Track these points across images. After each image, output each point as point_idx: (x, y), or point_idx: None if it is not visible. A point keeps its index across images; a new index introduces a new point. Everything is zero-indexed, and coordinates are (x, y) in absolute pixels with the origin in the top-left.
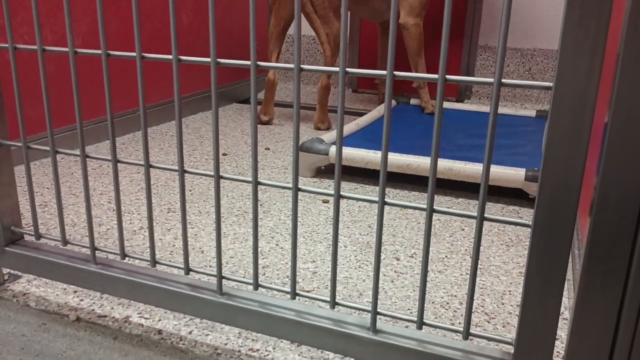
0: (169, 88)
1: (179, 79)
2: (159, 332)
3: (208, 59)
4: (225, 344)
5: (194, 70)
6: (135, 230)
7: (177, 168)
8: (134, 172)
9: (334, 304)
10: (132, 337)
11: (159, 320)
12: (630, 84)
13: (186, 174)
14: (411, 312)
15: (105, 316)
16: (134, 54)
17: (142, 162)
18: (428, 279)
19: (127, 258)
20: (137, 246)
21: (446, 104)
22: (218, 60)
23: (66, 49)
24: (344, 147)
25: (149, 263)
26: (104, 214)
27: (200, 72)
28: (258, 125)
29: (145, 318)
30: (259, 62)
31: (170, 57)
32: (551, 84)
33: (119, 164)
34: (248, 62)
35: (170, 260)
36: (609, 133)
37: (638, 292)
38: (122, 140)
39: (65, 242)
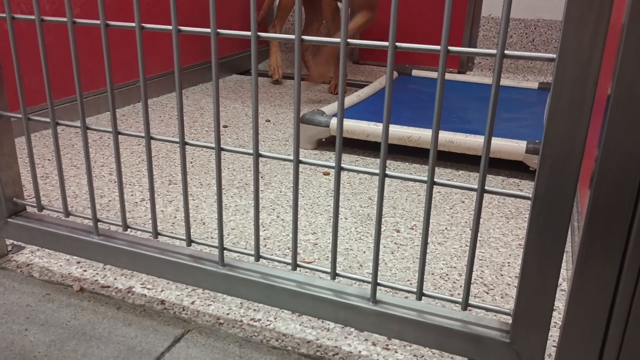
0: (168, 59)
1: (178, 50)
2: (162, 302)
3: (208, 30)
4: (227, 314)
5: (194, 41)
6: (136, 202)
7: (178, 140)
8: (134, 144)
9: (334, 275)
10: (135, 307)
11: (162, 290)
12: (634, 56)
13: (187, 146)
14: (411, 283)
15: (109, 286)
16: (133, 24)
17: (143, 134)
18: (428, 250)
19: (129, 229)
20: (139, 218)
21: (448, 76)
22: (218, 30)
23: (64, 19)
24: (344, 119)
25: (151, 234)
26: (105, 186)
27: (201, 43)
28: (260, 96)
29: (148, 288)
30: (259, 33)
31: (169, 27)
32: (554, 56)
33: (119, 136)
34: (249, 33)
35: (172, 232)
36: (611, 105)
37: (636, 265)
38: (122, 111)
39: (68, 213)
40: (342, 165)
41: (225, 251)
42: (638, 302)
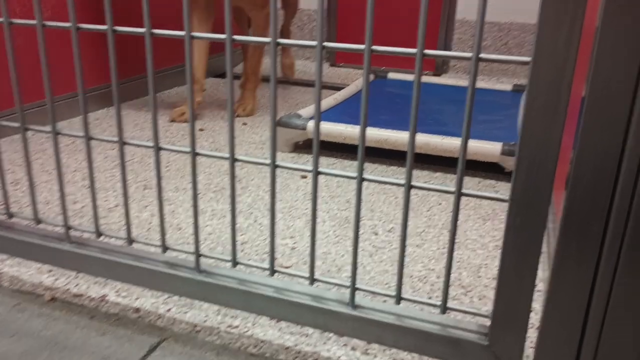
0: (142, 62)
1: (152, 53)
2: (137, 310)
3: (182, 32)
4: (205, 321)
5: (168, 43)
6: (110, 208)
7: (152, 144)
8: (108, 149)
9: (312, 280)
10: (109, 316)
11: (137, 298)
12: (608, 58)
13: (162, 151)
14: (389, 287)
15: (81, 295)
16: (105, 27)
17: (116, 139)
18: (406, 253)
19: (102, 236)
20: (113, 224)
21: (423, 78)
22: (192, 34)
23: (34, 22)
24: (322, 122)
25: (125, 241)
26: (78, 192)
27: (174, 46)
28: (236, 99)
29: (123, 296)
30: (234, 36)
31: (143, 30)
32: (529, 59)
33: (93, 140)
34: (223, 36)
35: (147, 238)
36: (586, 107)
37: (611, 266)
38: (95, 115)
39: (38, 220)
40: (319, 168)
41: (201, 257)
42: (614, 303)
